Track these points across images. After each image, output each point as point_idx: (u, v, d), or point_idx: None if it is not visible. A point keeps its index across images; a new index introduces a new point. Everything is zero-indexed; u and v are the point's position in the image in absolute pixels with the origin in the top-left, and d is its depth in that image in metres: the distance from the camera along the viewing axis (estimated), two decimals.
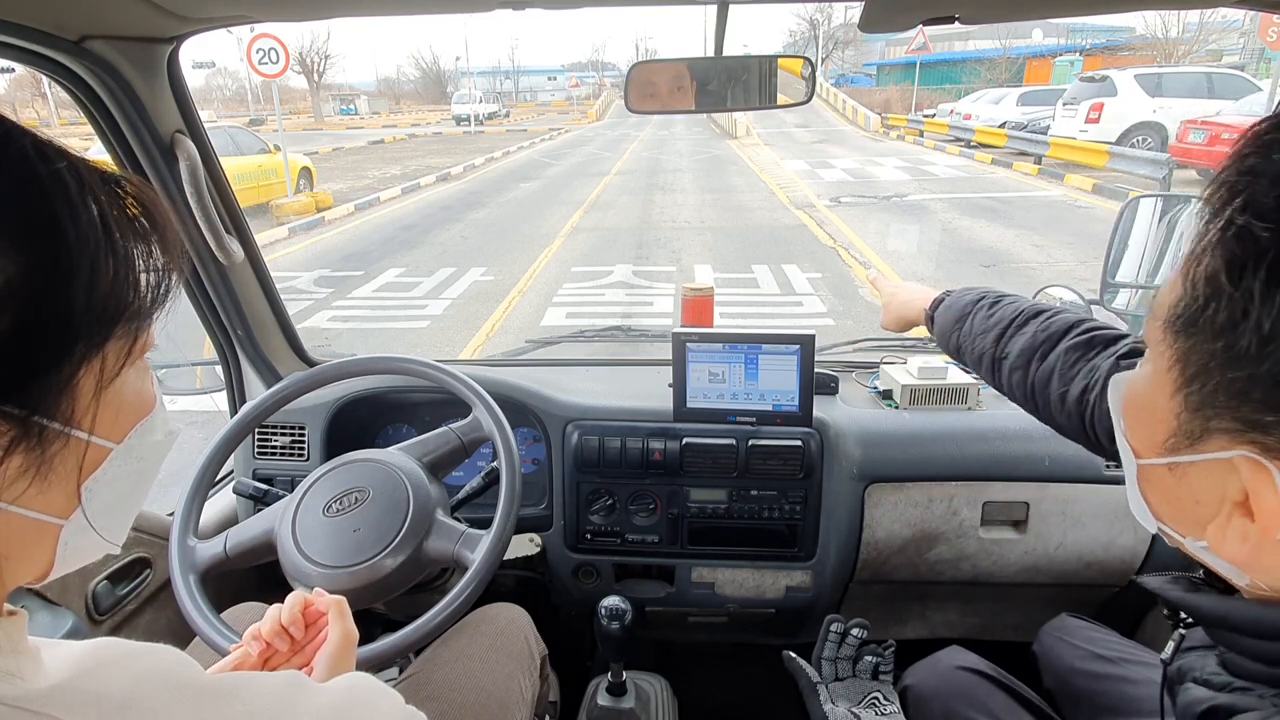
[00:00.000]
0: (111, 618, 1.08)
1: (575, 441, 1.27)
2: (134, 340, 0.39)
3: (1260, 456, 0.36)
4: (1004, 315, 0.89)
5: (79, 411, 0.37)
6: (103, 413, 0.38)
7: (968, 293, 0.97)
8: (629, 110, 1.09)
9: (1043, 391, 0.81)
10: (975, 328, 0.92)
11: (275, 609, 0.72)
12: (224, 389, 1.40)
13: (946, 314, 0.98)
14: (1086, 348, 0.78)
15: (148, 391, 0.42)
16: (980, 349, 0.91)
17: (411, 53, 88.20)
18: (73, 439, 0.37)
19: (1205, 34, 23.80)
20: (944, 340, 0.99)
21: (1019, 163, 12.43)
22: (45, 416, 0.35)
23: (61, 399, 0.35)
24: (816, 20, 42.40)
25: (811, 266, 6.45)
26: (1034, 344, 0.83)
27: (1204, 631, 0.48)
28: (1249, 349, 0.34)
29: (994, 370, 0.90)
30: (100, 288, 0.35)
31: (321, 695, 0.46)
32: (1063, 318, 0.84)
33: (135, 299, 0.37)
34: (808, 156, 15.75)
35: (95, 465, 0.39)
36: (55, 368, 0.35)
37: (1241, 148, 0.37)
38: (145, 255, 0.38)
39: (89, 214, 0.35)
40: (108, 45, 0.92)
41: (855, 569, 1.30)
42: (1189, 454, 0.40)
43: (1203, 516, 0.41)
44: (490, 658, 1.00)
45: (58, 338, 0.34)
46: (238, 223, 1.21)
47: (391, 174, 14.44)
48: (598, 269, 6.64)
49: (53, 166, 0.34)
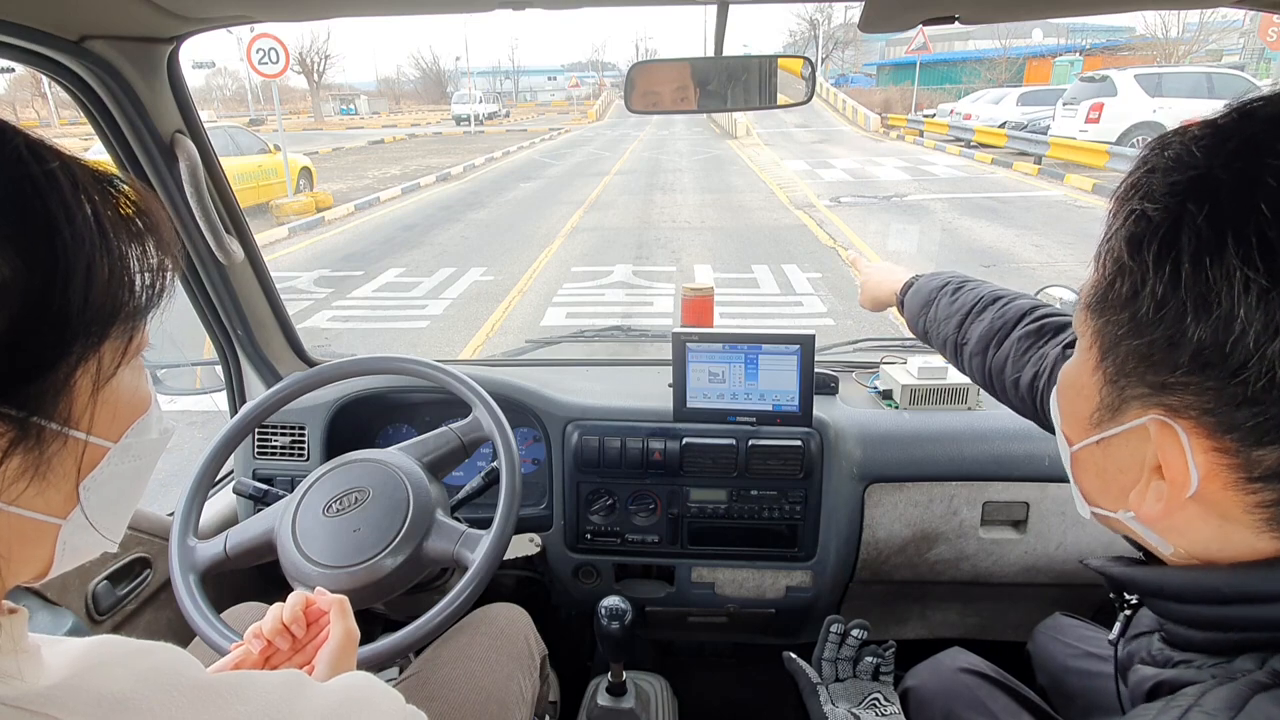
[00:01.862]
0: (111, 618, 1.08)
1: (575, 441, 1.27)
2: (129, 340, 0.39)
3: (1168, 418, 0.40)
4: (965, 301, 0.92)
5: (76, 411, 0.37)
6: (100, 412, 0.38)
7: (934, 277, 1.00)
8: (629, 110, 1.09)
9: (998, 377, 0.85)
10: (940, 313, 0.95)
11: (277, 608, 0.72)
12: (224, 389, 1.40)
13: (914, 298, 1.01)
14: (1037, 335, 0.81)
15: (143, 390, 0.42)
16: (944, 334, 0.94)
17: (411, 53, 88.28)
18: (71, 439, 0.37)
19: (1205, 34, 23.81)
20: (913, 324, 1.02)
21: (1019, 163, 12.42)
22: (44, 417, 0.35)
23: (59, 399, 0.35)
24: (816, 20, 42.45)
25: (811, 266, 6.45)
26: (991, 330, 0.86)
27: (1146, 606, 0.51)
28: (1148, 315, 0.39)
29: (957, 355, 0.93)
30: (96, 287, 0.35)
31: (321, 694, 0.46)
32: (1017, 304, 0.86)
33: (130, 299, 0.37)
34: (808, 156, 15.74)
35: (93, 464, 0.39)
36: (53, 368, 0.35)
37: (1145, 153, 0.42)
38: (140, 255, 0.38)
39: (84, 214, 0.35)
40: (108, 45, 0.92)
41: (855, 569, 1.30)
42: (1111, 427, 0.44)
43: (1126, 485, 0.44)
44: (490, 658, 1.00)
45: (55, 338, 0.34)
46: (238, 223, 1.21)
47: (391, 174, 14.44)
48: (598, 269, 6.64)
49: (46, 166, 0.34)
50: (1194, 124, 0.40)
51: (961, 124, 16.72)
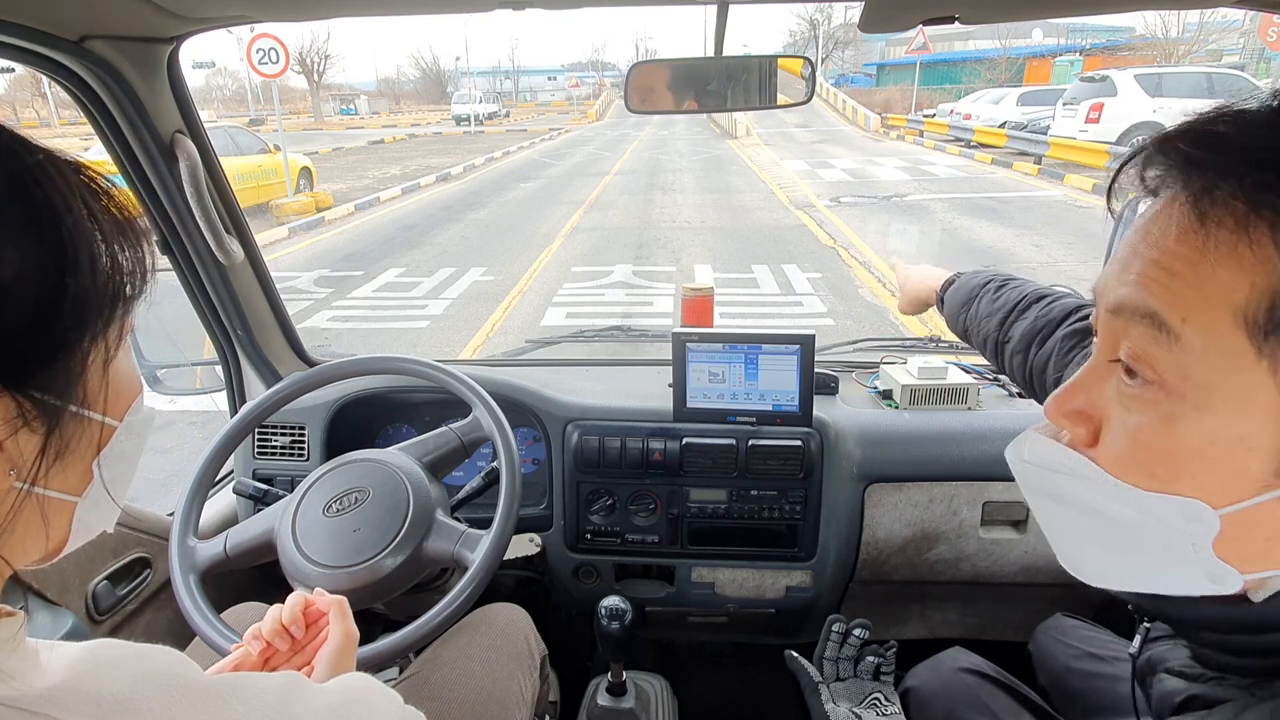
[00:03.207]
0: (111, 618, 1.08)
1: (575, 441, 1.27)
2: (123, 323, 0.41)
3: None
4: (1009, 299, 0.90)
5: (91, 394, 0.39)
6: (109, 394, 0.40)
7: (976, 275, 0.98)
8: (629, 110, 1.09)
9: (1039, 376, 0.82)
10: (981, 310, 0.93)
11: (276, 609, 0.72)
12: (224, 389, 1.40)
13: (955, 295, 0.99)
14: (1084, 334, 0.78)
15: (135, 370, 0.45)
16: (985, 331, 0.92)
17: (411, 53, 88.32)
18: (87, 420, 0.39)
19: (1205, 34, 23.81)
20: (953, 321, 1.00)
21: (1019, 163, 12.42)
22: (66, 400, 0.37)
23: (77, 383, 0.38)
24: (816, 20, 42.46)
25: (811, 266, 6.46)
26: (1034, 328, 0.84)
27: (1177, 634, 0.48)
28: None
29: (998, 353, 0.91)
30: (100, 272, 0.37)
31: (320, 695, 0.46)
32: (1063, 303, 0.84)
33: (125, 281, 0.39)
34: (808, 156, 15.74)
35: (104, 443, 0.41)
36: (71, 351, 0.37)
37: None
38: (124, 240, 0.39)
39: (77, 202, 0.36)
40: (108, 45, 0.92)
41: (855, 569, 1.30)
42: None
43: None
44: (490, 658, 1.00)
45: (74, 319, 0.36)
46: (238, 223, 1.21)
47: (391, 174, 14.44)
48: (598, 269, 6.64)
49: (35, 158, 0.36)
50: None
51: (961, 124, 16.72)
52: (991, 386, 1.38)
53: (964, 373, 1.37)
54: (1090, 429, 0.42)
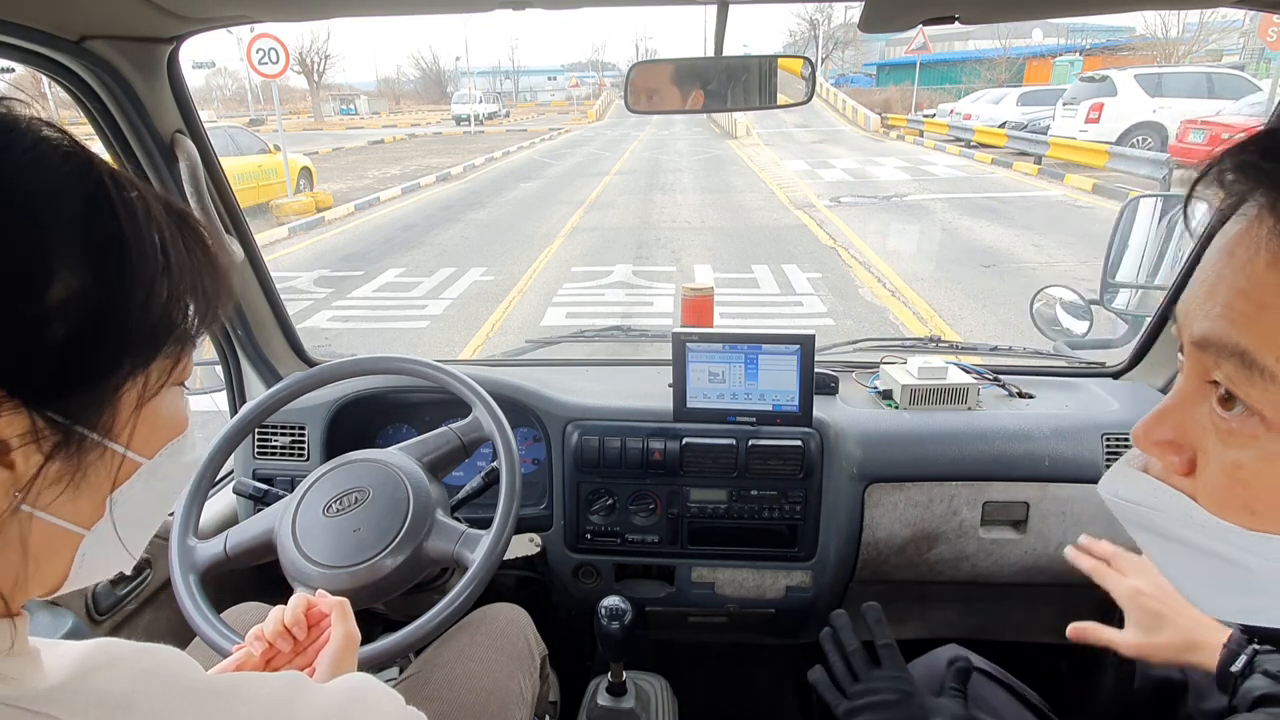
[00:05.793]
0: (111, 618, 1.08)
1: (575, 441, 1.27)
2: (176, 362, 0.41)
3: None
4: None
5: (118, 424, 0.38)
6: (139, 428, 0.39)
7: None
8: (629, 110, 1.09)
9: None
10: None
11: (278, 610, 0.73)
12: (224, 389, 1.40)
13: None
14: None
15: (181, 413, 0.44)
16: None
17: (411, 53, 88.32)
18: (109, 451, 0.38)
19: (1205, 34, 23.81)
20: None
21: (1019, 163, 12.42)
22: (87, 426, 0.36)
23: (104, 410, 0.37)
24: (816, 20, 42.45)
25: (811, 266, 6.46)
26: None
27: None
28: None
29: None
30: (155, 309, 0.37)
31: (321, 696, 0.46)
32: None
33: (183, 322, 0.40)
34: (808, 156, 15.74)
35: (125, 478, 0.40)
36: (104, 379, 0.36)
37: None
38: (196, 284, 0.40)
39: (151, 240, 0.37)
40: (108, 45, 0.92)
41: (855, 569, 1.30)
42: None
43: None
44: (490, 658, 1.00)
45: (111, 351, 0.36)
46: (238, 223, 1.21)
47: (391, 174, 14.44)
48: (598, 269, 6.64)
49: (125, 194, 0.37)
50: None
51: (961, 124, 16.71)
52: (991, 386, 1.38)
53: (964, 373, 1.37)
54: (1184, 457, 0.39)
